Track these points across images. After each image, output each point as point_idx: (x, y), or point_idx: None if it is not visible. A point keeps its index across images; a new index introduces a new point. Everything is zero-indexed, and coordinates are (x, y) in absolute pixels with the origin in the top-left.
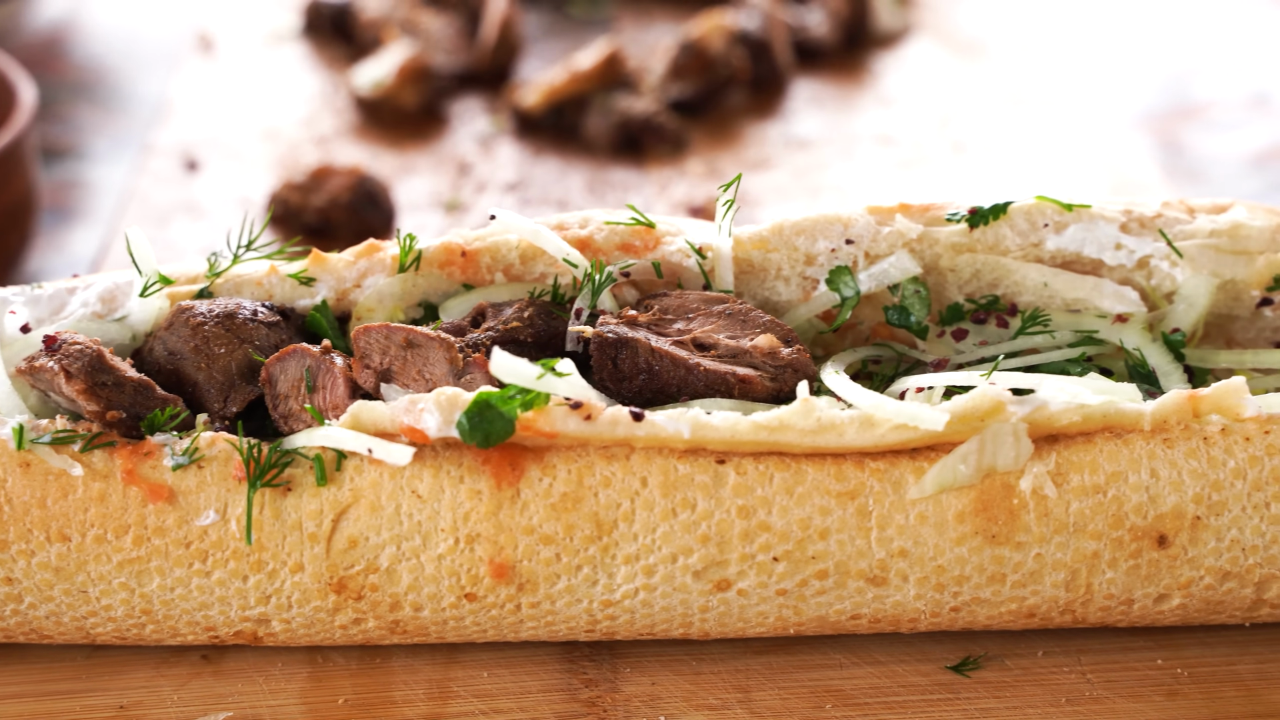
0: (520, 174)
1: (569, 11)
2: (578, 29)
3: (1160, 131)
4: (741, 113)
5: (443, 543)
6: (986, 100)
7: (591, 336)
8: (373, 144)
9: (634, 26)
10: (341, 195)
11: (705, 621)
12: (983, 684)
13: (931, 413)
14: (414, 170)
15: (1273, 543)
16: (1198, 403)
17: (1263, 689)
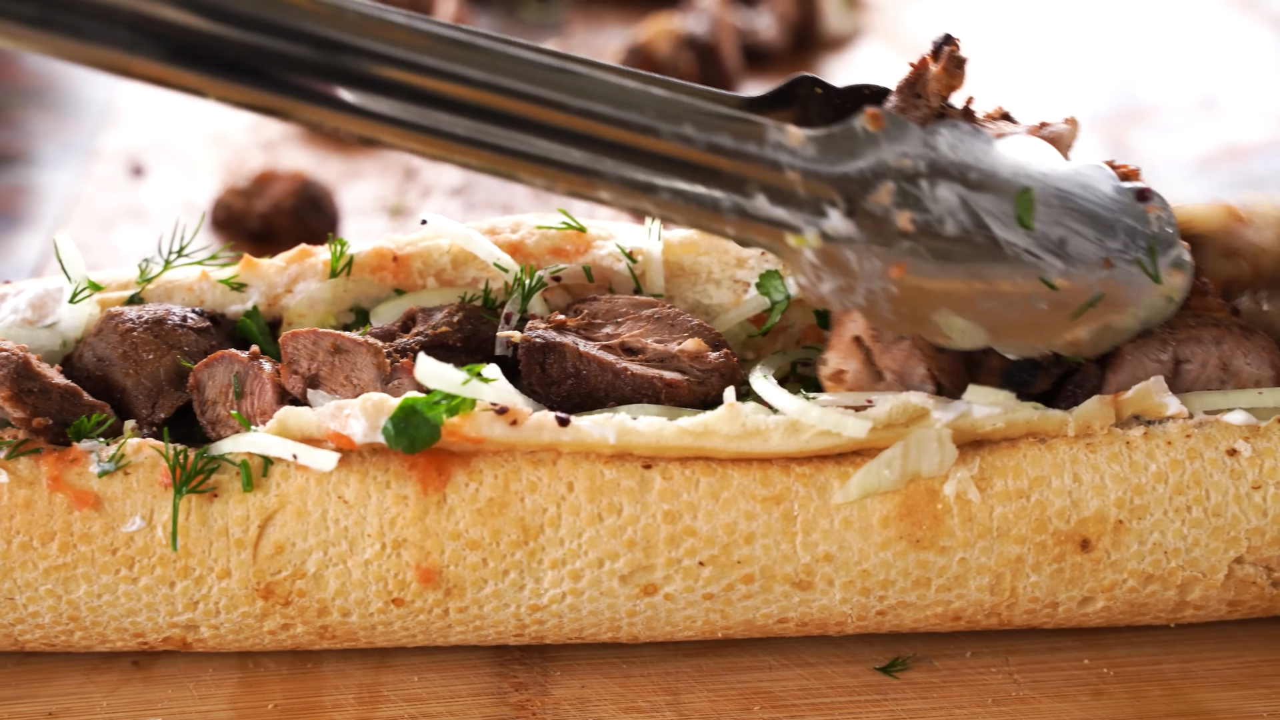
0: (466, 178)
1: (520, 15)
2: (529, 32)
3: (1108, 134)
4: None
5: (369, 548)
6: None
7: (519, 341)
8: (320, 149)
9: (585, 30)
10: (285, 200)
11: (633, 625)
12: (910, 685)
13: (856, 419)
14: (360, 175)
15: (1194, 545)
16: (1120, 405)
17: (1187, 688)
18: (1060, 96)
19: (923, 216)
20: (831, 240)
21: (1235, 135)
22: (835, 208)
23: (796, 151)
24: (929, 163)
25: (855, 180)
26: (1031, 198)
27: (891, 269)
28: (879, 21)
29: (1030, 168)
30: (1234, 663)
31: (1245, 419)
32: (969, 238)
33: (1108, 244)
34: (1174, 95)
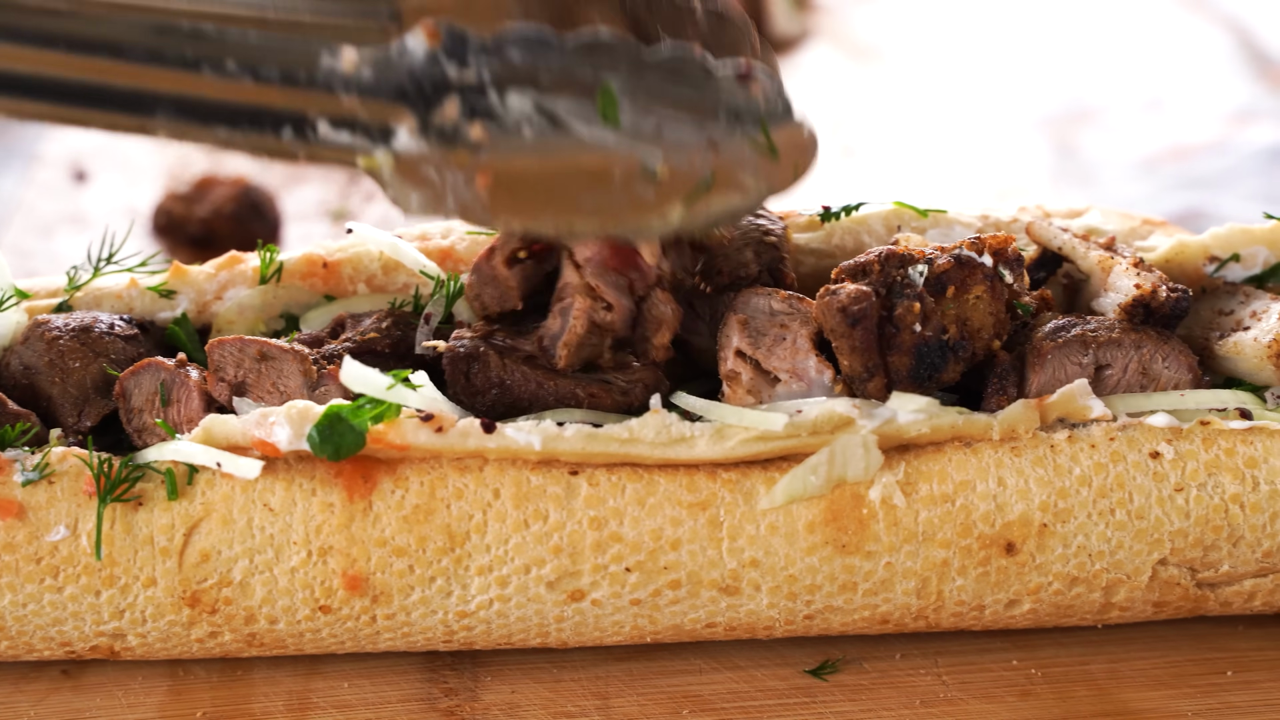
0: None
1: None
2: None
3: (1054, 135)
4: None
5: (295, 555)
6: (879, 105)
7: (444, 351)
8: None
9: None
10: (225, 205)
11: (562, 631)
12: (839, 687)
13: (781, 424)
14: (303, 179)
15: (1118, 548)
16: (1045, 409)
17: (1113, 688)
18: (1007, 98)
19: (496, 125)
20: (405, 159)
21: (1181, 135)
22: (403, 127)
23: (352, 75)
24: (494, 72)
25: (417, 98)
26: (612, 93)
27: (476, 179)
28: (827, 23)
29: (611, 64)
30: (1161, 662)
31: (1167, 421)
32: (550, 140)
33: (708, 126)
34: (1122, 95)
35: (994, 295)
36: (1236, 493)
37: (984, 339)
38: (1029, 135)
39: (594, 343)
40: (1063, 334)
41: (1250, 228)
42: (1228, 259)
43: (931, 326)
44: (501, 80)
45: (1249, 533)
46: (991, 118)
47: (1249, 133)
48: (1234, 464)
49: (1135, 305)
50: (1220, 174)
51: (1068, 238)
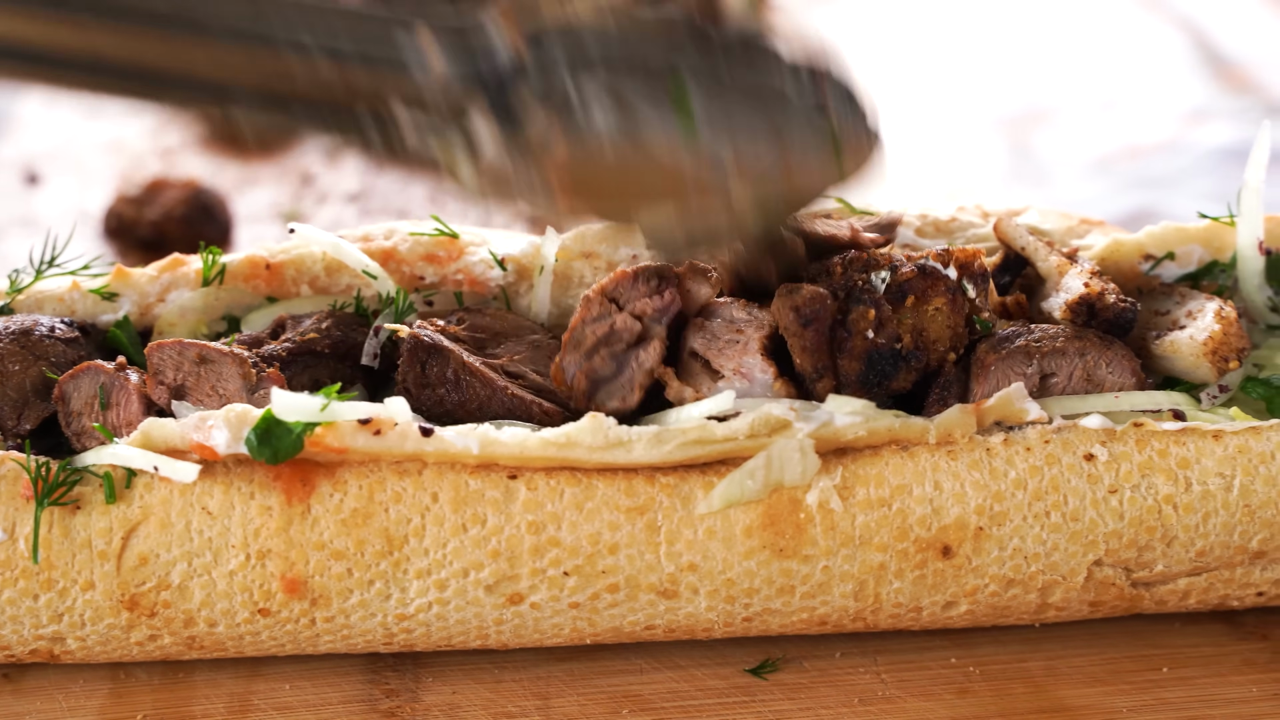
0: (363, 184)
1: None
2: None
3: (1009, 135)
4: None
5: (234, 559)
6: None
7: (406, 336)
8: (217, 155)
9: None
10: (176, 208)
11: (501, 633)
12: (779, 686)
13: (719, 428)
14: (256, 182)
15: (1054, 550)
16: (982, 413)
17: (1050, 685)
18: (962, 98)
19: (568, 109)
20: (477, 141)
21: (1135, 135)
22: (476, 108)
23: (427, 57)
24: (568, 56)
25: (492, 80)
26: (683, 79)
27: (546, 163)
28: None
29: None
30: (1098, 659)
31: (1102, 423)
32: (620, 125)
33: (774, 114)
34: (1076, 96)
35: (954, 308)
36: (1169, 493)
37: (939, 350)
38: (983, 136)
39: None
40: (1006, 345)
41: (1185, 226)
42: (1163, 257)
43: (885, 334)
44: (574, 64)
45: (1182, 533)
46: (946, 118)
47: (1202, 133)
48: (1167, 465)
49: (1080, 304)
50: (1173, 174)
51: (1032, 240)
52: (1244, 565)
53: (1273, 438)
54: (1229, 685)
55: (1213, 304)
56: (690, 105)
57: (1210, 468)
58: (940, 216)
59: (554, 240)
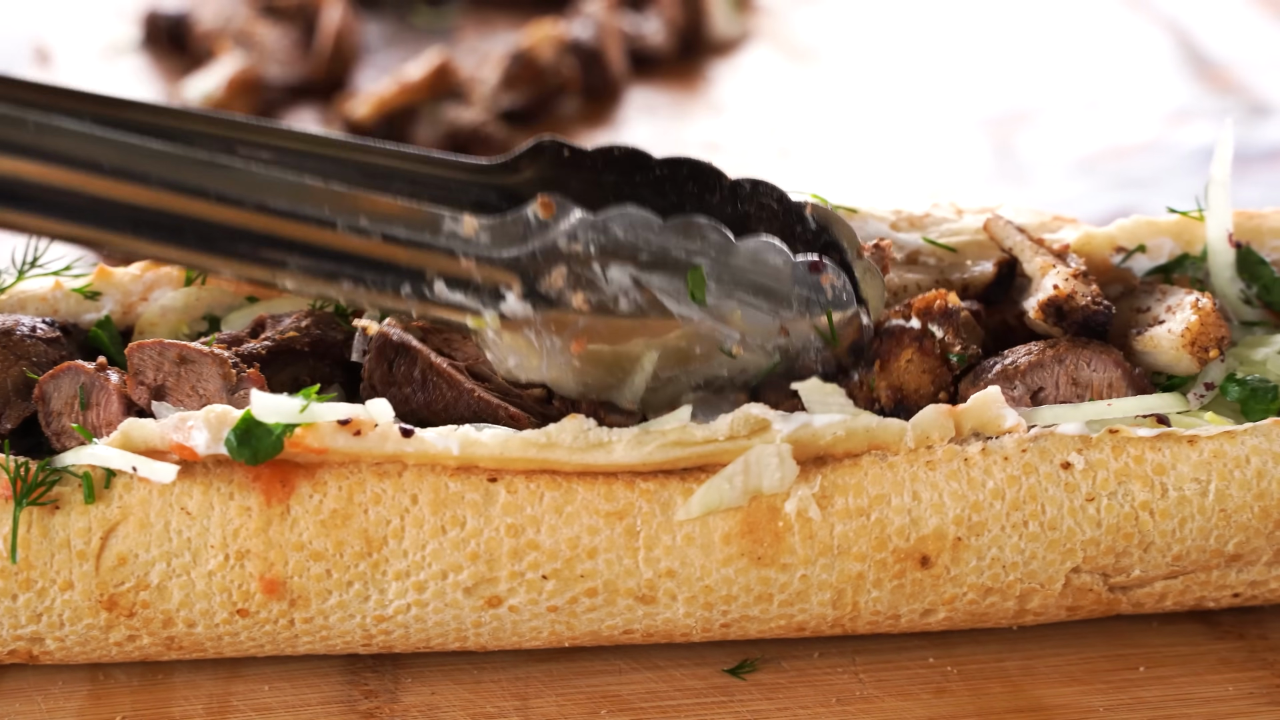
0: None
1: (412, 21)
2: (420, 39)
3: (992, 135)
4: (574, 121)
5: (213, 559)
6: (817, 106)
7: (374, 334)
8: None
9: (475, 36)
10: None
11: (480, 635)
12: (757, 686)
13: (699, 429)
14: None
15: (1032, 559)
16: (958, 417)
17: (1027, 684)
18: (946, 98)
19: (596, 296)
20: (510, 321)
21: (1118, 135)
22: (511, 291)
23: (471, 240)
24: (600, 247)
25: (528, 265)
26: (701, 275)
27: (571, 345)
28: (767, 25)
29: (702, 249)
30: (1075, 659)
31: (1078, 430)
32: (644, 314)
33: (782, 313)
34: (1060, 96)
35: (924, 353)
36: (1146, 500)
37: (927, 395)
38: (967, 136)
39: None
40: (984, 375)
41: (1155, 220)
42: (1133, 250)
43: (862, 399)
44: (605, 254)
45: (1159, 538)
46: (930, 118)
47: (1185, 132)
48: (1143, 471)
49: (1049, 305)
50: (1155, 173)
51: (1020, 239)
52: (1220, 568)
53: (1247, 442)
54: (1205, 684)
55: (1190, 296)
56: (704, 293)
57: (1186, 473)
58: (915, 211)
59: None
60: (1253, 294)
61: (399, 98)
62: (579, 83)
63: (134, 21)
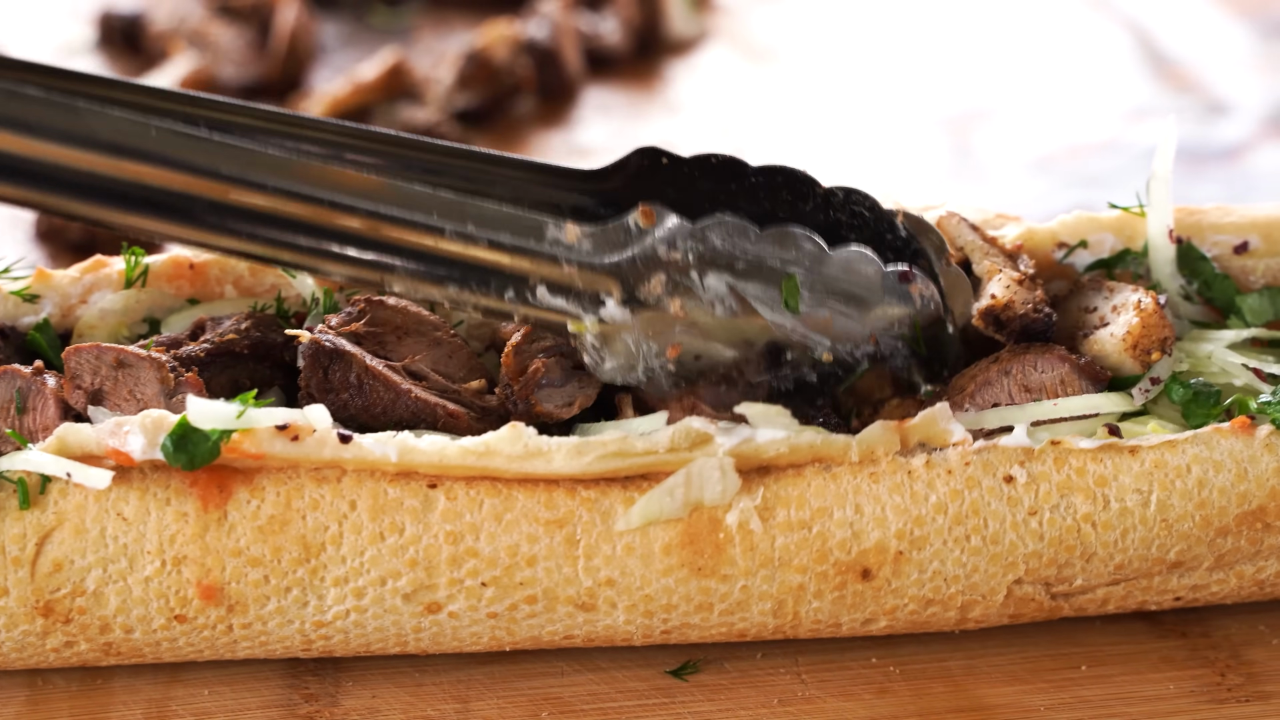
0: None
1: (370, 21)
2: (377, 39)
3: (951, 134)
4: (530, 122)
5: (149, 565)
6: (774, 105)
7: (306, 342)
8: None
9: (433, 36)
10: None
11: (420, 640)
12: (699, 687)
13: (639, 441)
14: None
15: (974, 572)
16: (905, 432)
17: (969, 684)
18: (903, 98)
19: (693, 303)
20: (609, 326)
21: (1076, 134)
22: (611, 297)
23: (573, 246)
24: (698, 255)
25: (628, 271)
26: (796, 284)
27: (668, 350)
28: (725, 24)
29: (796, 258)
30: (1018, 658)
31: (1021, 442)
32: (735, 319)
33: (872, 321)
34: (1020, 94)
35: (903, 400)
36: (1088, 512)
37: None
38: (925, 135)
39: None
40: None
41: (1097, 215)
42: (1075, 245)
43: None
44: (703, 262)
45: (1101, 549)
46: (888, 117)
47: (1142, 131)
48: (1085, 484)
49: (987, 313)
50: (1113, 172)
51: (973, 238)
52: (1162, 574)
53: (1188, 451)
54: (1146, 683)
55: (1134, 295)
56: (798, 301)
57: (1128, 484)
58: None
59: None
60: (1193, 290)
61: (353, 98)
62: (534, 83)
63: (88, 22)
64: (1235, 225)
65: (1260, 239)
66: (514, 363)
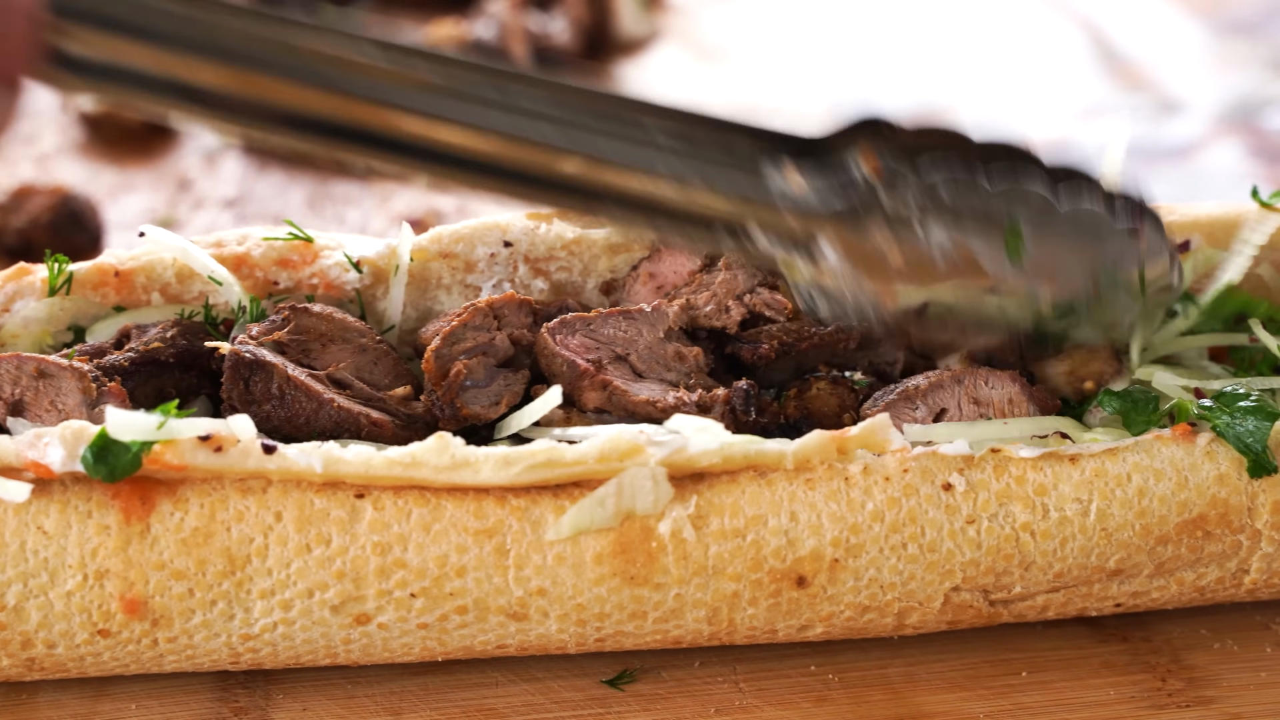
0: (241, 189)
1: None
2: None
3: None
4: None
5: (71, 579)
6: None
7: (228, 354)
8: (95, 161)
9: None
10: (42, 215)
11: (350, 652)
12: (636, 697)
13: (569, 451)
14: (132, 187)
15: (910, 579)
16: (844, 443)
17: (909, 691)
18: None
19: (914, 254)
20: (825, 271)
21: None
22: (829, 243)
23: (798, 196)
24: (921, 206)
25: (849, 219)
26: (1020, 231)
27: (884, 297)
28: (677, 24)
29: (1021, 212)
30: (958, 664)
31: (960, 450)
32: (957, 269)
33: (1096, 273)
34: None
35: (835, 384)
36: (1027, 521)
37: (831, 415)
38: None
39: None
40: (883, 398)
41: None
42: None
43: (768, 416)
44: (926, 212)
45: (1040, 558)
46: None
47: (1096, 129)
48: (1024, 492)
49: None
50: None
51: None
52: (1101, 582)
53: (1129, 459)
54: (1086, 689)
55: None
56: (1021, 249)
57: (1067, 493)
58: None
59: (408, 241)
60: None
61: None
62: None
63: None
64: (1178, 225)
65: (1202, 238)
66: (435, 367)
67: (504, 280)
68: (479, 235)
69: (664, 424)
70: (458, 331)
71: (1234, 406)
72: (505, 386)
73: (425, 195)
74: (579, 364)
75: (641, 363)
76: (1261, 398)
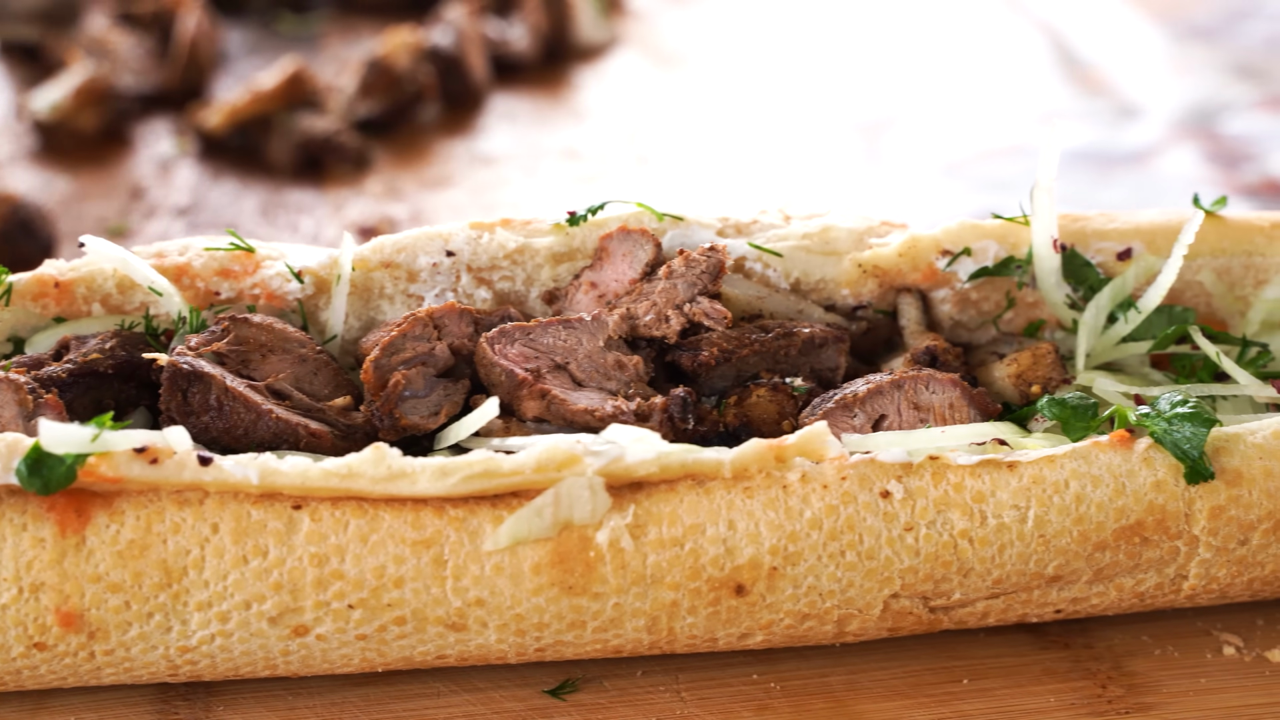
0: (195, 197)
1: (277, 28)
2: (284, 46)
3: (862, 140)
4: (433, 129)
5: (6, 592)
6: (678, 112)
7: (165, 365)
8: (49, 169)
9: (340, 43)
10: None
11: (289, 663)
12: (577, 707)
13: (505, 462)
14: (86, 196)
15: (849, 587)
16: (782, 451)
17: (850, 699)
18: (821, 103)
19: None
20: None
21: (989, 138)
22: None
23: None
24: None
25: None
26: None
27: None
28: (636, 30)
29: None
30: (900, 672)
31: (898, 456)
32: None
33: None
34: (933, 98)
35: (775, 391)
36: (965, 528)
37: (770, 422)
38: (836, 140)
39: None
40: (822, 405)
41: (980, 223)
42: (959, 253)
43: (707, 424)
44: None
45: (978, 565)
46: (799, 122)
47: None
48: (962, 499)
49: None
50: (1022, 176)
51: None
52: (1040, 588)
53: (1067, 466)
54: (1028, 696)
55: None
56: None
57: (1005, 500)
58: (741, 219)
59: (350, 250)
60: (1079, 297)
61: (251, 107)
62: (437, 90)
63: None
64: (1119, 232)
65: (1143, 245)
66: (374, 377)
67: (447, 290)
68: (421, 245)
69: (600, 434)
70: (397, 341)
71: (1172, 413)
72: (445, 397)
73: (378, 203)
74: (517, 373)
75: (581, 372)
76: (1199, 404)
